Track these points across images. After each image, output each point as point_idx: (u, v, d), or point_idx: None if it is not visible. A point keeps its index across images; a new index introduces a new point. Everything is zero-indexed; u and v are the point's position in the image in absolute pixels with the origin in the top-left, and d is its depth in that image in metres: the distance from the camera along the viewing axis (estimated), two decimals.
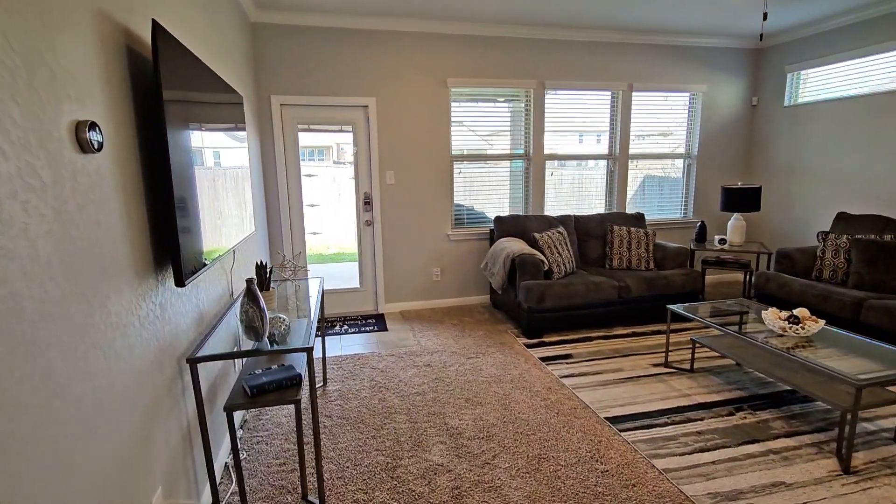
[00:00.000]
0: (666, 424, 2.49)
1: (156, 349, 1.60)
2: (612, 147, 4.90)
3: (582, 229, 4.47)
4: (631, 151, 4.94)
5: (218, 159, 2.13)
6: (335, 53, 4.02)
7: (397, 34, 4.12)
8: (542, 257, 3.84)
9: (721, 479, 2.05)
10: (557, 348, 3.56)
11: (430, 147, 4.38)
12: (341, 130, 4.22)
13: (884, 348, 2.42)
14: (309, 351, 1.83)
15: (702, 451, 2.26)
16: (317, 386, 3.03)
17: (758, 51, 5.05)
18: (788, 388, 2.84)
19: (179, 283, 1.57)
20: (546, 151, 4.69)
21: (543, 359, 3.37)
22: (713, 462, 2.17)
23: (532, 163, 4.66)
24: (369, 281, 4.49)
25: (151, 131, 1.68)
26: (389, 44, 4.12)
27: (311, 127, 4.15)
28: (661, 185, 5.20)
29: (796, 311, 2.61)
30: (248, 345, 1.89)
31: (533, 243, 4.09)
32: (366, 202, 4.34)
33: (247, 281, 1.88)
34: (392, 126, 4.26)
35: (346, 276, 5.69)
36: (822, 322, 2.53)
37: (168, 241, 1.76)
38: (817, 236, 3.91)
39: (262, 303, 1.87)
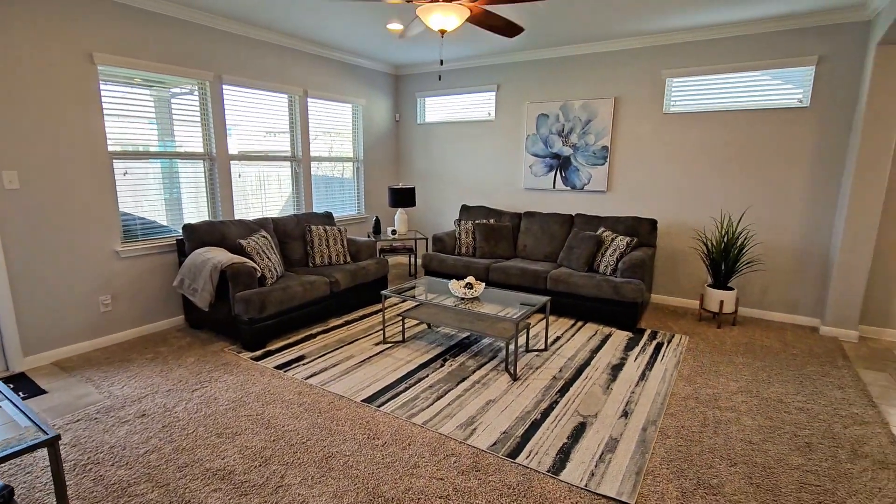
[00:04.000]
0: (407, 389, 3.03)
1: None
2: (294, 149, 5.06)
3: (281, 231, 4.48)
4: (312, 154, 5.24)
5: None
6: None
7: None
8: (254, 264, 3.68)
9: (458, 413, 2.74)
10: (287, 353, 3.55)
11: (75, 140, 3.33)
12: None
13: (513, 294, 3.73)
14: (54, 442, 1.30)
15: (438, 398, 2.91)
16: None
17: (397, 76, 6.27)
18: (466, 334, 3.93)
19: None
20: (231, 151, 4.38)
21: (279, 367, 3.32)
22: (449, 404, 2.84)
23: (217, 163, 4.26)
24: None
25: None
26: None
27: None
28: (332, 185, 5.75)
29: (468, 280, 3.64)
30: None
31: (239, 250, 3.83)
32: None
33: None
34: (3, 106, 2.99)
35: None
36: (483, 284, 3.65)
37: None
38: (454, 223, 5.38)
39: None
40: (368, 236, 5.78)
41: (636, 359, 3.52)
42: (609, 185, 5.04)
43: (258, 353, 3.55)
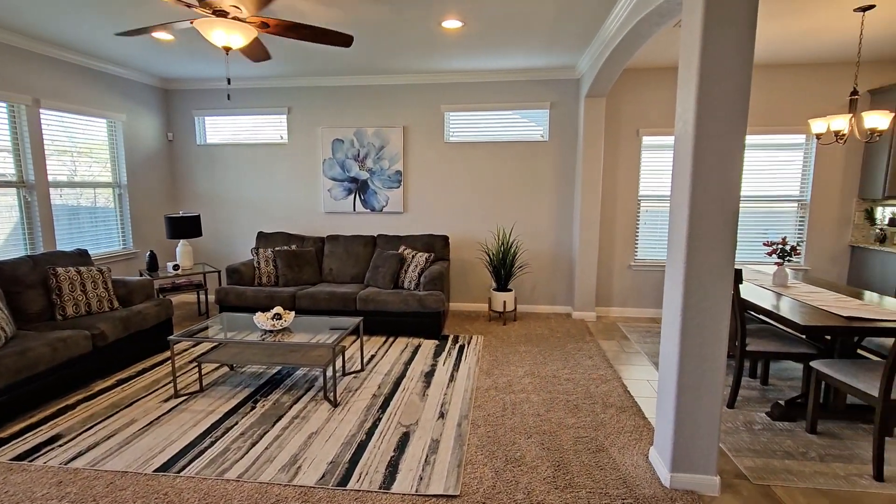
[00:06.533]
0: (213, 443, 2.67)
1: None
2: (22, 172, 3.95)
3: (8, 278, 3.42)
4: (51, 178, 4.17)
5: None
6: None
7: None
8: None
9: (279, 455, 2.54)
10: (31, 437, 2.72)
11: None
12: None
13: (324, 319, 3.67)
14: None
15: (253, 444, 2.64)
16: None
17: (166, 91, 5.51)
18: (278, 369, 3.67)
19: None
20: None
21: (19, 457, 2.52)
22: (266, 447, 2.62)
23: None
24: None
25: None
26: None
27: None
28: (85, 215, 4.68)
29: (276, 310, 3.43)
30: None
31: None
32: None
33: None
34: None
35: None
36: (292, 313, 3.48)
37: None
38: (251, 251, 4.98)
39: None
40: (141, 274, 4.87)
41: (444, 363, 3.85)
42: (405, 206, 5.42)
43: None
